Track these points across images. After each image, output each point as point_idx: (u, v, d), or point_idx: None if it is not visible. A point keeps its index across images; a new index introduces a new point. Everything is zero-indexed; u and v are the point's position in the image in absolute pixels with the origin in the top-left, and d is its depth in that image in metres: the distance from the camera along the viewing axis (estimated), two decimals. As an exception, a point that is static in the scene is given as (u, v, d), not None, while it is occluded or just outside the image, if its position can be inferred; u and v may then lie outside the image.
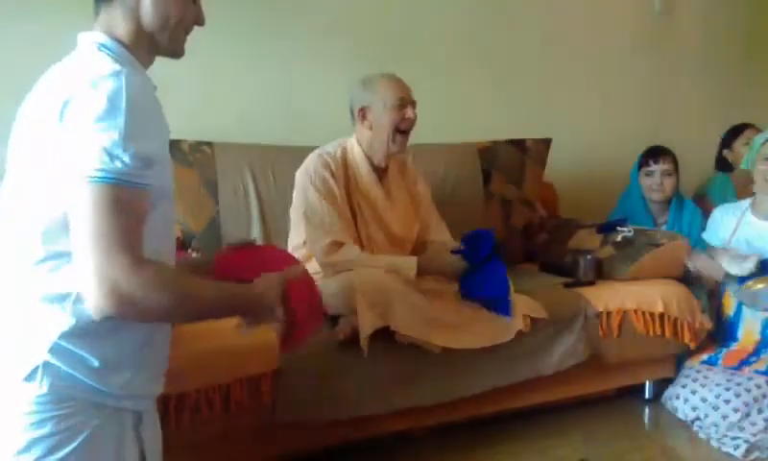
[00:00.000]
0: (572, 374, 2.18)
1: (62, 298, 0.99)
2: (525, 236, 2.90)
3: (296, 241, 2.19)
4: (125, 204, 0.95)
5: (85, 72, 0.99)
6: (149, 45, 1.12)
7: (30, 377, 0.97)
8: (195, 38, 1.23)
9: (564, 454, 2.09)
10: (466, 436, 2.17)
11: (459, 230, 2.38)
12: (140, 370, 1.08)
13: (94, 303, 0.94)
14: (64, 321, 0.99)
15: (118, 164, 0.94)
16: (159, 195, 1.04)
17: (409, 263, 2.03)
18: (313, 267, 2.06)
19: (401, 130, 2.13)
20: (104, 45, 1.05)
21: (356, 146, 2.18)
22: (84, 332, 0.99)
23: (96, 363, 1.00)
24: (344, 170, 2.15)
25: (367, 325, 1.83)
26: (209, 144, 2.45)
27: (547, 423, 2.27)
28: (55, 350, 0.98)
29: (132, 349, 1.06)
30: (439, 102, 3.13)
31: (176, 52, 1.16)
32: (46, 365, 0.97)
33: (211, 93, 2.70)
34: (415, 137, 2.79)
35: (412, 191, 2.32)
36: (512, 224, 2.86)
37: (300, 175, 2.16)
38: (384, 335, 1.87)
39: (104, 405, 1.03)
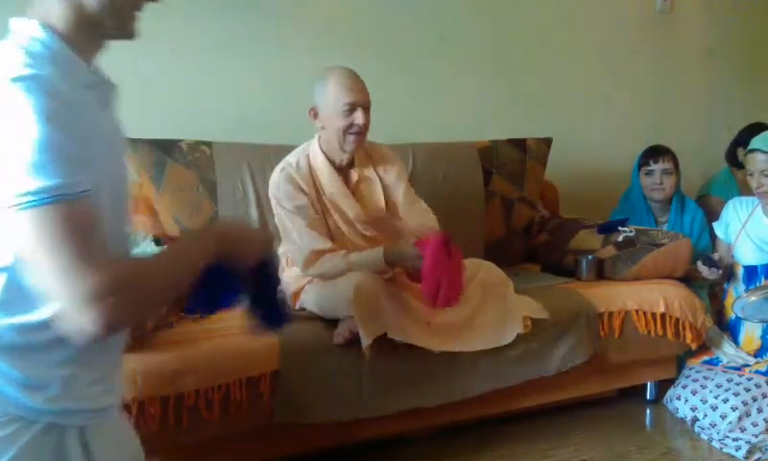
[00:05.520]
0: (574, 375, 2.17)
1: None
2: (526, 236, 2.89)
3: (284, 248, 2.17)
4: (66, 220, 0.84)
5: None
6: (92, 29, 0.97)
7: None
8: (194, 38, 1.22)
9: (565, 456, 2.08)
10: (466, 438, 2.16)
11: (459, 231, 2.37)
12: (69, 387, 1.00)
13: (81, 331, 0.86)
14: None
15: (47, 181, 0.82)
16: (101, 192, 0.94)
17: (377, 259, 1.97)
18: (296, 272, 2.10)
19: (352, 132, 2.04)
20: (33, 38, 0.92)
21: (317, 148, 2.11)
22: (5, 349, 0.94)
23: (20, 378, 0.95)
24: (309, 175, 2.09)
25: (366, 334, 1.81)
26: (208, 144, 2.44)
27: (549, 424, 2.27)
28: None
29: (56, 367, 0.99)
30: (439, 102, 3.13)
31: (126, 33, 1.01)
32: None
33: (210, 93, 2.68)
34: (415, 137, 2.82)
35: (382, 178, 2.20)
36: (512, 224, 2.85)
37: (269, 191, 2.10)
38: (383, 337, 1.85)
39: (34, 421, 0.97)
